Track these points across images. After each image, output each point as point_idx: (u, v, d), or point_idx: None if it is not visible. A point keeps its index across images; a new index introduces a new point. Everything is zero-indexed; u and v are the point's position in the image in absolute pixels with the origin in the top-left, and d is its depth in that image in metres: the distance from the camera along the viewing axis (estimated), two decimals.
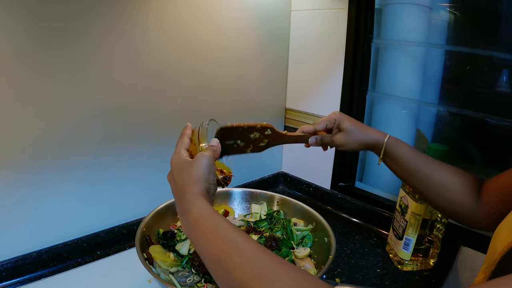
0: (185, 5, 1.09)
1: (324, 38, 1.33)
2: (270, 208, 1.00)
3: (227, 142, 0.80)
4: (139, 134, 1.09)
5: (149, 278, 0.90)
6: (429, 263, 1.01)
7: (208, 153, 0.65)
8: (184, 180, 0.61)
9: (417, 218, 0.93)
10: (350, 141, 0.84)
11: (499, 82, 1.08)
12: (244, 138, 0.82)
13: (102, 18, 0.93)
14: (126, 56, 1.00)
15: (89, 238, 1.03)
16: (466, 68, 1.15)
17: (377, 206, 1.25)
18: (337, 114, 0.87)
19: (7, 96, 0.83)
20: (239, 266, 0.48)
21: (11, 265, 0.91)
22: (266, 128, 0.82)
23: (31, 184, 0.91)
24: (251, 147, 0.84)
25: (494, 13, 1.08)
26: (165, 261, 0.78)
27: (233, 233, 0.52)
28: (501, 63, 1.06)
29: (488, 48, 1.07)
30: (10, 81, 0.83)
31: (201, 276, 0.75)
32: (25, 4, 0.80)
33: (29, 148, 0.89)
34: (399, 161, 0.82)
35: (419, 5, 1.15)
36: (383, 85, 1.26)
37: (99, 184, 1.04)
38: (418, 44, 1.17)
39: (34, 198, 0.93)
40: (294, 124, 1.50)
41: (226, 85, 1.29)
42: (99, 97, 0.98)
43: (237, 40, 1.27)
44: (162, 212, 0.90)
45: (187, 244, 0.81)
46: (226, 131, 0.79)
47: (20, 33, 0.81)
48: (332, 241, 0.80)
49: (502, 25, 1.07)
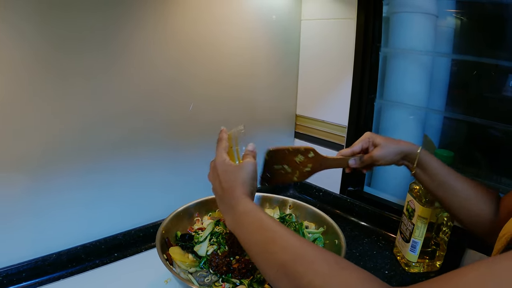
0: (199, 15, 1.13)
1: (333, 47, 1.36)
2: (282, 212, 1.04)
3: (275, 167, 0.85)
4: (152, 140, 1.13)
5: (166, 279, 0.93)
6: (436, 265, 1.04)
7: (254, 161, 0.73)
8: (231, 181, 0.69)
9: (423, 221, 0.96)
10: (386, 153, 0.87)
11: (506, 88, 1.10)
12: (290, 162, 0.86)
13: (120, 28, 0.98)
14: (141, 63, 1.05)
15: (107, 240, 1.06)
16: (472, 75, 1.18)
17: (385, 210, 1.27)
18: (369, 134, 0.91)
19: (19, 102, 0.86)
20: (282, 249, 0.56)
21: (31, 266, 0.94)
22: (309, 151, 0.87)
23: (50, 188, 0.95)
24: (297, 174, 0.88)
25: (500, 20, 1.11)
26: (184, 262, 0.82)
27: (276, 225, 0.61)
28: (507, 70, 1.08)
29: (494, 56, 1.09)
30: (22, 88, 0.86)
31: (218, 276, 0.79)
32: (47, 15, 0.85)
33: (48, 154, 0.93)
34: (430, 172, 0.85)
35: (425, 13, 1.19)
36: (390, 92, 1.29)
37: (116, 188, 1.08)
38: (425, 52, 1.20)
39: (53, 202, 0.96)
40: (304, 131, 1.54)
41: (238, 93, 1.32)
42: (113, 103, 1.02)
43: (248, 50, 1.31)
44: (180, 215, 0.94)
45: (205, 246, 0.85)
46: (274, 154, 0.84)
47: (39, 40, 0.85)
48: (342, 243, 0.83)
49: (508, 32, 1.10)
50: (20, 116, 0.87)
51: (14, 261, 0.92)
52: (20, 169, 0.90)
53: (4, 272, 0.90)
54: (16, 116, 0.86)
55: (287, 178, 0.87)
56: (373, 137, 0.90)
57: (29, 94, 0.87)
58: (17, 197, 0.90)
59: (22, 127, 0.88)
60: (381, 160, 0.88)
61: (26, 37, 0.83)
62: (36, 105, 0.89)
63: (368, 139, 0.90)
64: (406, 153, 0.87)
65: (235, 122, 1.30)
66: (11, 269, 0.91)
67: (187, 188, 1.22)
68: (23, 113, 0.87)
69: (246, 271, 0.78)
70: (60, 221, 0.99)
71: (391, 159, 0.88)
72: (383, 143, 0.87)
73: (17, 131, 0.87)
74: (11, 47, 0.82)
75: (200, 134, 1.24)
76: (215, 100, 1.26)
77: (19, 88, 0.86)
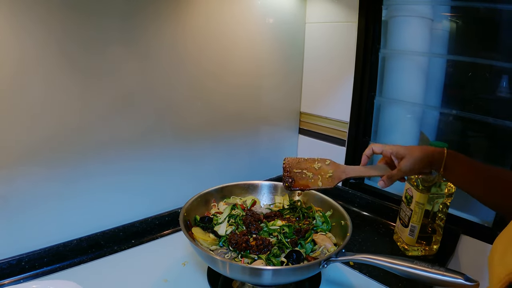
0: (214, 19, 1.21)
1: (335, 48, 1.44)
2: (291, 198, 1.11)
3: (295, 171, 0.94)
4: (166, 133, 1.19)
5: (183, 262, 1.01)
6: (433, 248, 1.11)
7: None
8: None
9: (420, 206, 1.04)
10: (413, 162, 0.85)
11: (500, 89, 1.16)
12: (308, 168, 0.95)
13: (143, 30, 1.05)
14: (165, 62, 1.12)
15: (125, 228, 1.12)
16: (466, 74, 1.24)
17: (384, 200, 1.35)
18: (387, 149, 0.90)
19: (50, 92, 0.92)
20: None
21: (53, 252, 0.98)
22: (325, 160, 0.96)
23: (72, 178, 1.01)
24: (320, 179, 0.95)
25: (492, 23, 1.17)
26: (206, 240, 0.89)
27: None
28: (501, 70, 1.13)
29: (487, 57, 1.15)
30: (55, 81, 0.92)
31: (237, 252, 0.86)
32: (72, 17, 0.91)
33: (70, 143, 0.98)
34: (458, 173, 0.84)
35: (421, 17, 1.25)
36: (389, 90, 1.36)
37: (134, 179, 1.14)
38: (421, 54, 1.27)
39: (75, 191, 1.02)
40: (308, 127, 1.61)
41: (246, 91, 1.40)
42: (131, 90, 1.08)
43: (257, 51, 1.38)
44: (198, 200, 1.00)
45: (224, 226, 0.92)
46: (291, 160, 0.95)
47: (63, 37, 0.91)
48: (348, 223, 0.90)
49: (500, 35, 1.16)
50: (44, 107, 0.92)
51: (36, 246, 0.96)
52: (42, 158, 0.94)
53: (27, 257, 0.94)
54: (41, 104, 0.92)
55: (310, 183, 0.94)
56: (393, 150, 0.89)
57: (56, 89, 0.93)
58: (39, 187, 0.95)
59: (44, 117, 0.93)
60: (411, 172, 0.87)
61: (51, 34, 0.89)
62: (67, 94, 0.95)
63: (389, 153, 0.90)
64: (432, 159, 0.85)
65: (246, 119, 1.38)
66: (33, 254, 0.95)
67: (200, 179, 1.30)
68: (52, 101, 0.93)
69: (263, 247, 0.85)
70: (81, 209, 1.04)
71: (420, 167, 0.86)
72: (406, 152, 0.86)
73: (38, 120, 0.92)
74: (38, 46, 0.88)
75: (212, 128, 1.31)
76: (226, 96, 1.33)
77: (46, 83, 0.91)
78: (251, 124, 1.46)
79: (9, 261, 0.92)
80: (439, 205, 1.06)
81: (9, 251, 0.93)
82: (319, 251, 0.89)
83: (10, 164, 0.89)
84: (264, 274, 0.76)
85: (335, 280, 0.98)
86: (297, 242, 0.90)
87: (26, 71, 0.87)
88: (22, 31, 0.85)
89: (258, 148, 1.53)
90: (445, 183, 1.03)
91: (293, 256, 0.83)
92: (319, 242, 0.91)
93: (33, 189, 0.94)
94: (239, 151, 1.45)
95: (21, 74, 0.87)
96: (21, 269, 0.94)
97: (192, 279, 0.95)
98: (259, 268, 0.76)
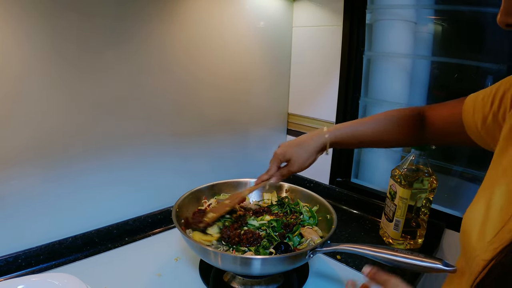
0: (202, 24, 1.23)
1: (321, 51, 1.48)
2: (279, 195, 1.15)
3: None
4: (160, 135, 1.22)
5: (176, 257, 1.04)
6: (418, 242, 1.15)
7: None
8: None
9: (404, 201, 1.08)
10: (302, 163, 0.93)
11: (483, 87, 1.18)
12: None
13: (135, 34, 1.08)
14: (155, 66, 1.15)
15: (118, 225, 1.14)
16: (451, 75, 1.28)
17: (371, 197, 1.39)
18: (279, 150, 0.96)
19: (52, 93, 0.95)
20: None
21: (48, 250, 1.00)
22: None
23: (66, 177, 1.02)
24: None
25: (478, 24, 1.20)
26: (207, 240, 0.93)
27: None
28: (486, 71, 1.15)
29: (472, 58, 1.18)
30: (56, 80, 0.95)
31: (229, 246, 0.90)
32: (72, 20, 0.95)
33: (63, 142, 1.00)
34: (344, 143, 0.94)
35: (405, 20, 1.29)
36: (375, 91, 1.40)
37: (127, 178, 1.17)
38: (405, 56, 1.32)
39: (69, 189, 1.04)
40: (295, 127, 1.65)
41: (236, 96, 1.43)
42: (123, 91, 1.10)
43: (245, 55, 1.41)
44: (189, 197, 1.04)
45: (216, 227, 0.96)
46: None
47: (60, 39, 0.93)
48: (333, 217, 0.94)
49: (485, 36, 1.19)
50: (38, 107, 0.94)
51: (33, 244, 0.99)
52: (37, 158, 0.96)
53: (24, 255, 0.96)
54: (35, 105, 0.93)
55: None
56: (282, 152, 0.94)
57: (51, 88, 0.95)
58: (35, 185, 0.97)
59: (40, 116, 0.95)
60: (300, 169, 0.94)
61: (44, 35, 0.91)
62: (61, 95, 0.97)
63: (278, 157, 0.95)
64: (318, 147, 0.93)
65: (235, 120, 1.41)
66: (30, 252, 0.97)
67: (192, 179, 1.30)
68: (46, 102, 0.95)
69: (253, 239, 0.89)
70: (76, 208, 1.06)
71: (312, 161, 0.94)
72: (294, 155, 0.93)
73: (36, 121, 0.94)
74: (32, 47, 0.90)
75: (203, 129, 1.34)
76: (216, 101, 1.36)
77: (40, 82, 0.93)
78: (241, 125, 1.50)
79: (6, 259, 0.94)
80: (423, 200, 1.09)
81: (6, 249, 0.95)
82: (306, 243, 0.93)
83: (6, 164, 0.91)
84: (254, 264, 0.79)
85: (323, 273, 1.01)
86: (285, 236, 0.94)
87: (21, 72, 0.89)
88: (20, 32, 0.87)
89: (248, 148, 1.56)
90: (428, 179, 1.07)
91: (281, 247, 0.87)
92: (306, 235, 0.95)
93: (29, 188, 0.96)
94: (229, 151, 1.49)
95: (15, 76, 0.88)
96: (18, 266, 0.96)
97: (185, 273, 0.98)
98: (248, 257, 0.80)
